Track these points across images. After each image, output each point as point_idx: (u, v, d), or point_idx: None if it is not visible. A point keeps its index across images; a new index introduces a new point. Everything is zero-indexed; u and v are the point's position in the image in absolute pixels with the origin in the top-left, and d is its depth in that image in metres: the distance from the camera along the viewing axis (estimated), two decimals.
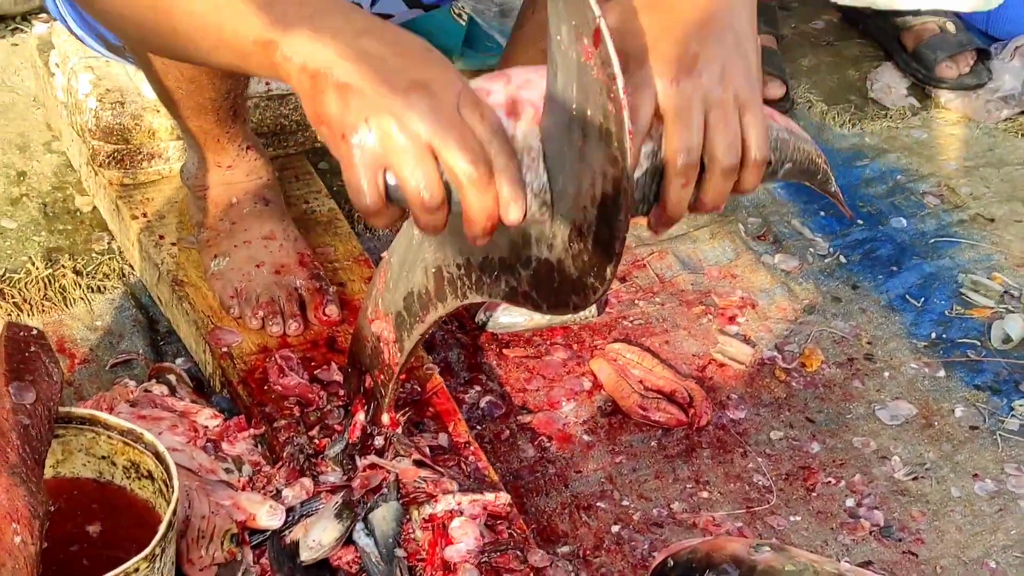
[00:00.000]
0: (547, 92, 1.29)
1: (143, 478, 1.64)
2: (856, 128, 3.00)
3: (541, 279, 1.38)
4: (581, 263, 1.31)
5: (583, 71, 1.20)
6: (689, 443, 2.16)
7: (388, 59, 1.31)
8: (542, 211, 1.32)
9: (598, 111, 1.20)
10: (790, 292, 2.49)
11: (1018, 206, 2.79)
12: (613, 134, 1.19)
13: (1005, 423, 2.26)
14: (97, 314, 2.26)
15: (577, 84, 1.22)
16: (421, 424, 1.97)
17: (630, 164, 1.19)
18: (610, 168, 1.21)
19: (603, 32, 1.15)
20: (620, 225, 1.24)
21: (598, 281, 1.30)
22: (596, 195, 1.24)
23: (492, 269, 1.46)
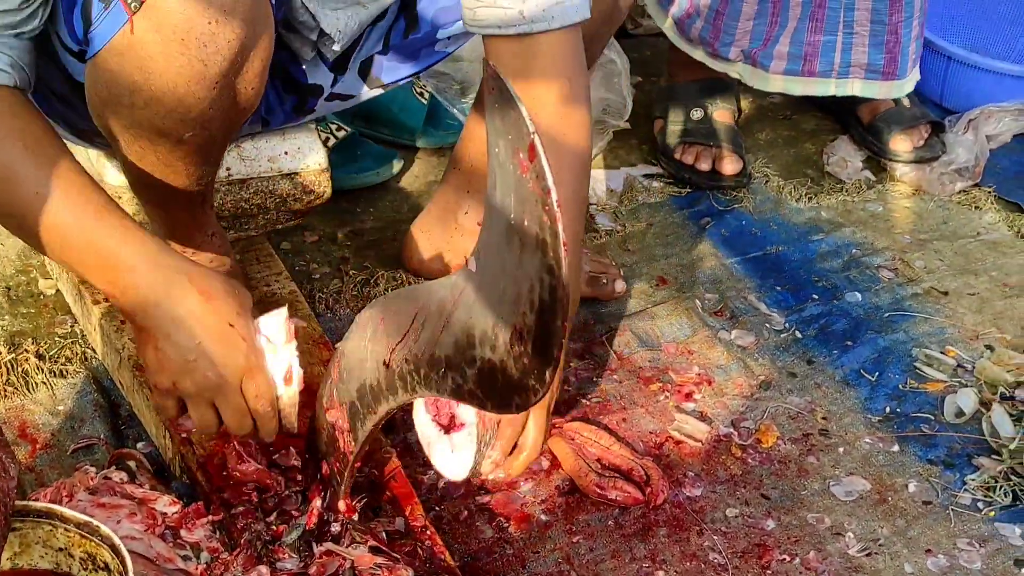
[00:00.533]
0: (487, 199, 1.33)
1: (100, 570, 1.66)
2: (812, 202, 3.06)
3: (485, 379, 1.42)
4: (522, 366, 1.35)
5: (520, 183, 1.24)
6: (646, 521, 2.18)
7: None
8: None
9: (534, 222, 1.24)
10: (746, 368, 2.53)
11: (971, 279, 2.83)
12: (548, 244, 1.23)
13: (958, 498, 2.29)
14: (59, 399, 2.28)
15: (515, 195, 1.26)
16: (379, 508, 1.99)
17: (565, 273, 1.23)
18: (546, 276, 1.25)
19: (537, 147, 1.19)
20: (557, 331, 1.28)
21: (538, 384, 1.33)
22: (534, 301, 1.28)
23: (439, 366, 1.50)
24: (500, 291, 1.33)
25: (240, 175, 2.41)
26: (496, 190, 1.30)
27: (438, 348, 1.49)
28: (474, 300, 1.41)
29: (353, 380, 1.73)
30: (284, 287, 2.42)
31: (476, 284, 1.41)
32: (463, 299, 1.44)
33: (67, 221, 1.78)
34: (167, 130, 1.86)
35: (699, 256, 2.83)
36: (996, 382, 2.50)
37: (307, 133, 2.43)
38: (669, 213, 2.97)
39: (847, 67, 3.04)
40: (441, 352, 1.49)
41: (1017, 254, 2.92)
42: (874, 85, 3.07)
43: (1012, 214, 3.06)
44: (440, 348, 1.49)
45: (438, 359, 1.50)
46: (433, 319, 1.51)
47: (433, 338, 1.51)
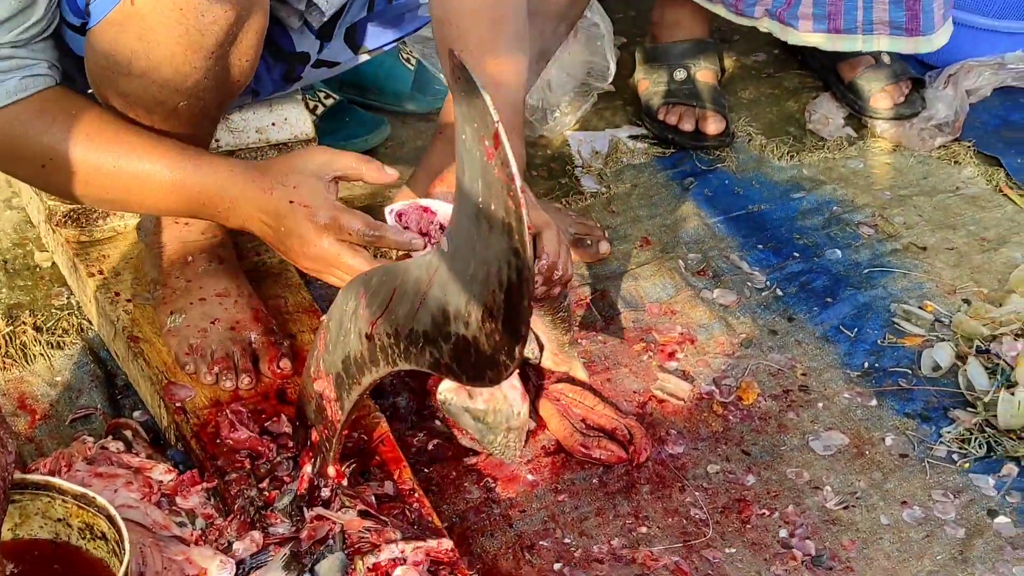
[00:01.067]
0: (457, 183, 1.38)
1: (97, 539, 1.72)
2: (794, 160, 3.10)
3: (460, 353, 1.48)
4: (493, 342, 1.41)
5: (486, 169, 1.29)
6: (629, 479, 2.25)
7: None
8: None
9: (500, 206, 1.29)
10: (728, 326, 2.59)
11: (949, 233, 2.88)
12: (514, 228, 1.29)
13: (933, 450, 2.35)
14: (57, 370, 2.33)
15: (481, 180, 1.31)
16: (368, 473, 2.06)
17: (529, 255, 1.28)
18: (513, 258, 1.31)
19: (501, 135, 1.25)
20: (524, 310, 1.34)
21: (508, 359, 1.39)
22: (503, 281, 1.34)
23: (418, 341, 1.56)
24: (471, 271, 1.39)
25: (229, 146, 2.47)
26: (464, 174, 1.35)
27: (416, 323, 1.55)
28: (448, 279, 1.47)
29: (338, 352, 1.79)
30: (274, 256, 2.47)
31: (449, 263, 1.47)
32: (437, 278, 1.50)
33: (168, 177, 1.93)
34: (163, 99, 1.93)
35: (682, 216, 2.88)
36: (972, 336, 2.55)
37: (293, 104, 2.49)
38: (653, 174, 3.02)
39: (870, 24, 3.07)
40: (419, 327, 1.55)
41: (995, 208, 2.97)
42: (900, 41, 3.10)
43: (991, 168, 3.10)
44: (418, 323, 1.55)
45: (417, 334, 1.56)
46: (410, 296, 1.57)
47: (411, 313, 1.57)
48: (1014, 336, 2.52)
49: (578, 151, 3.07)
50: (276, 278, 2.42)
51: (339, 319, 1.78)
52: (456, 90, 1.35)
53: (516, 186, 1.26)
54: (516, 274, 1.32)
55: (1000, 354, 2.49)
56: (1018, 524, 2.21)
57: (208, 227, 2.30)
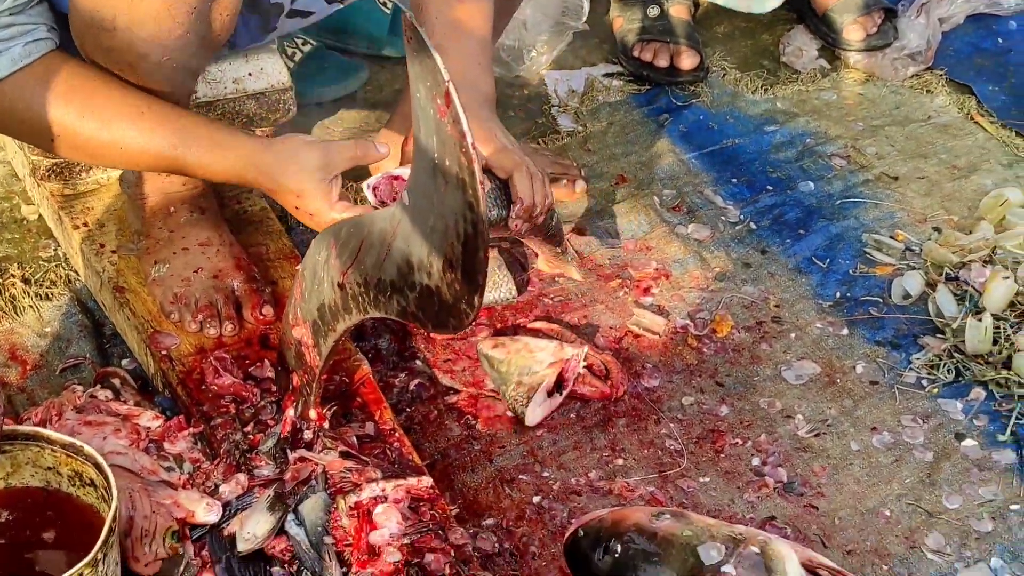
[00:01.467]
0: (415, 139, 1.43)
1: (87, 485, 1.78)
2: (768, 94, 3.14)
3: (424, 302, 1.54)
4: (454, 291, 1.47)
5: (439, 126, 1.34)
6: (606, 413, 2.31)
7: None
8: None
9: (454, 162, 1.35)
10: (702, 261, 2.64)
11: (921, 163, 2.93)
12: (467, 183, 1.34)
13: (903, 377, 2.41)
14: (46, 321, 2.39)
15: (436, 137, 1.36)
16: (349, 414, 2.12)
17: (483, 209, 1.34)
18: (468, 212, 1.36)
19: (452, 94, 1.29)
20: (480, 260, 1.40)
21: (468, 307, 1.45)
22: (460, 233, 1.40)
23: (386, 290, 1.62)
24: (431, 223, 1.44)
25: (207, 97, 2.50)
26: (420, 131, 1.40)
27: (383, 273, 1.61)
28: (410, 231, 1.52)
29: (313, 300, 1.85)
30: (255, 203, 2.52)
31: (411, 216, 1.52)
32: (400, 230, 1.56)
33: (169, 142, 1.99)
34: (146, 54, 1.97)
35: (657, 153, 2.92)
36: (942, 263, 2.60)
37: (269, 54, 2.52)
38: (629, 111, 3.06)
39: None
40: (386, 277, 1.61)
41: (966, 136, 3.02)
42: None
43: (963, 96, 3.14)
44: (385, 273, 1.61)
45: (384, 283, 1.62)
46: (376, 247, 1.63)
47: (378, 264, 1.63)
48: (982, 263, 2.57)
49: (554, 90, 3.11)
50: (257, 225, 2.47)
51: (313, 269, 1.84)
52: (408, 50, 1.40)
53: (468, 143, 1.31)
54: (472, 227, 1.38)
55: (969, 281, 2.55)
56: (984, 447, 2.28)
57: (189, 178, 2.35)
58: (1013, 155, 2.95)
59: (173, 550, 1.84)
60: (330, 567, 1.84)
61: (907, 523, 2.15)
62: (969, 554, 2.11)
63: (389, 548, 1.87)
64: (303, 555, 1.85)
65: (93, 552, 1.61)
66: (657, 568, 1.82)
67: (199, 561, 1.86)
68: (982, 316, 2.44)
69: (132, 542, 1.83)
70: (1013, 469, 2.24)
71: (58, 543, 1.82)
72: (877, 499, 2.19)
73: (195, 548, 1.87)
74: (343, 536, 1.89)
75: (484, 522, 2.11)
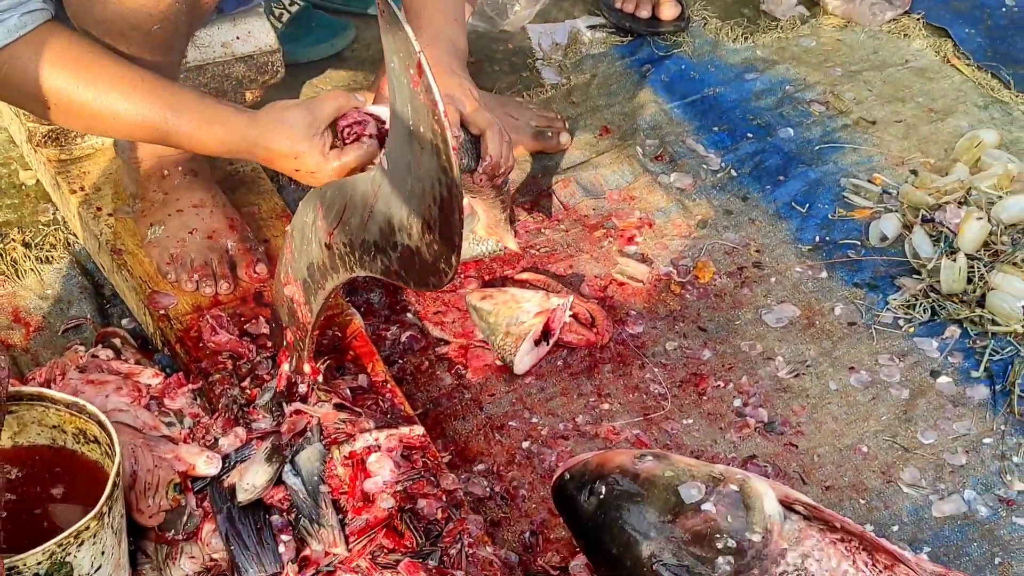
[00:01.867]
0: (391, 107, 1.50)
1: (91, 442, 1.86)
2: (748, 42, 3.19)
3: (406, 261, 1.61)
4: (433, 251, 1.54)
5: (413, 95, 1.41)
6: (592, 360, 2.39)
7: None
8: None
9: (428, 129, 1.41)
10: (685, 209, 2.71)
11: (898, 106, 2.99)
12: (441, 149, 1.41)
13: (880, 317, 2.48)
14: (47, 283, 2.46)
15: (410, 105, 1.43)
16: (343, 367, 2.20)
17: (456, 173, 1.41)
18: (443, 176, 1.43)
19: (424, 65, 1.36)
20: (456, 223, 1.47)
21: (447, 266, 1.53)
22: (436, 196, 1.47)
23: (370, 249, 1.69)
24: (409, 187, 1.52)
25: (197, 62, 2.56)
26: (396, 99, 1.47)
27: (367, 234, 1.68)
28: (390, 193, 1.59)
29: (303, 259, 1.92)
30: (246, 164, 2.58)
31: (390, 180, 1.59)
32: (381, 192, 1.63)
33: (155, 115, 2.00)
34: (137, 24, 2.03)
35: (640, 104, 2.98)
36: (918, 206, 2.67)
37: (256, 17, 2.58)
38: (612, 63, 3.11)
39: None
40: (370, 237, 1.68)
41: (943, 79, 3.07)
42: None
43: (939, 39, 3.20)
44: (368, 234, 1.68)
45: (368, 243, 1.69)
46: (359, 209, 1.70)
47: (362, 225, 1.70)
48: (957, 204, 2.63)
49: (538, 43, 3.16)
50: (249, 186, 2.54)
51: (301, 230, 1.90)
52: (381, 23, 1.46)
53: (440, 110, 1.37)
54: (447, 190, 1.45)
55: (944, 222, 2.61)
56: (959, 383, 2.35)
57: None
58: (989, 96, 3.01)
59: (176, 502, 1.92)
60: (326, 514, 1.91)
61: (883, 458, 2.23)
62: (943, 487, 2.19)
63: (383, 495, 1.94)
64: (300, 503, 1.93)
65: (99, 505, 1.69)
66: (640, 507, 1.89)
67: (201, 512, 1.94)
68: (956, 256, 2.50)
69: (136, 495, 1.90)
70: (986, 404, 2.32)
71: (66, 497, 1.90)
72: (854, 436, 2.27)
73: (197, 499, 1.95)
74: (338, 484, 1.96)
75: (475, 467, 2.19)
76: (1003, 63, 3.10)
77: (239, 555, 1.87)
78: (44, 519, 1.88)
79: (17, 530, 1.86)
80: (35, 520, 1.88)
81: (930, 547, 2.09)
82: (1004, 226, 2.57)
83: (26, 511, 1.88)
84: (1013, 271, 2.46)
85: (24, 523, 1.86)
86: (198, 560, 1.91)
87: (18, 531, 1.85)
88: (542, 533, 2.09)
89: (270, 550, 1.88)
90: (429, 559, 1.88)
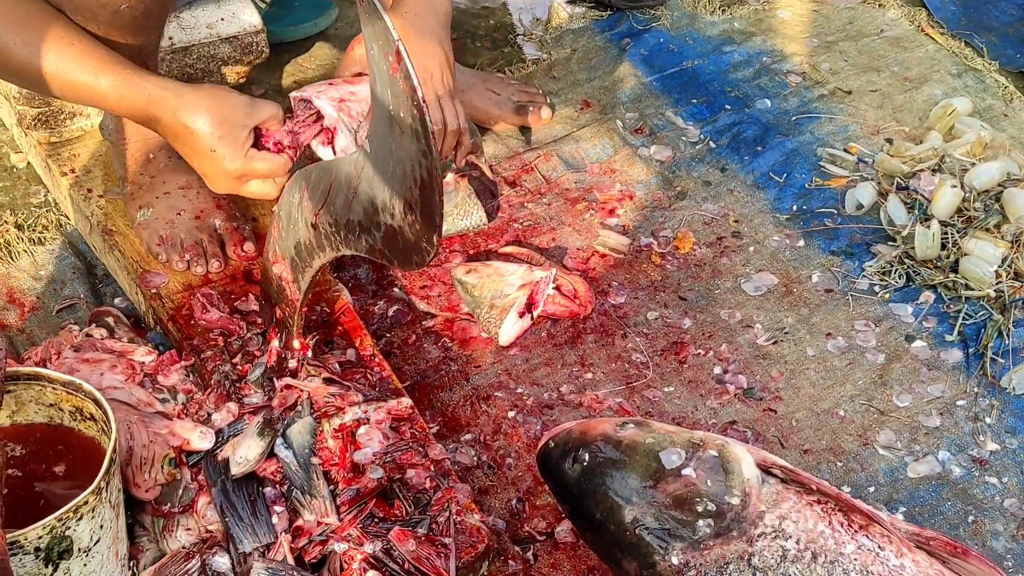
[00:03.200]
0: (371, 92, 1.55)
1: (87, 420, 1.91)
2: (726, 14, 3.24)
3: (389, 240, 1.67)
4: (415, 231, 1.59)
5: (392, 82, 1.46)
6: (575, 331, 2.44)
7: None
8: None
9: (407, 114, 1.47)
10: (665, 181, 2.76)
11: (873, 76, 3.04)
12: (420, 133, 1.46)
13: (856, 284, 2.54)
14: (40, 264, 2.51)
15: (390, 91, 1.48)
16: (331, 342, 2.25)
17: (435, 156, 1.46)
18: (422, 159, 1.49)
19: (402, 52, 1.41)
20: (436, 203, 1.52)
21: (428, 245, 1.59)
22: (417, 178, 1.52)
23: (354, 229, 1.74)
24: (391, 169, 1.57)
25: (182, 43, 2.61)
26: (376, 84, 1.52)
27: (352, 214, 1.74)
28: (373, 175, 1.64)
29: (290, 238, 1.97)
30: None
31: (372, 161, 1.64)
32: (364, 174, 1.68)
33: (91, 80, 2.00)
34: (105, 2, 2.06)
35: (620, 77, 3.03)
36: (893, 174, 2.72)
37: None
38: (591, 37, 3.16)
39: None
40: (354, 217, 1.74)
41: (917, 48, 3.12)
42: None
43: (914, 9, 3.24)
44: (353, 214, 1.73)
45: (353, 223, 1.75)
46: (343, 189, 1.75)
47: (346, 205, 1.75)
48: (931, 171, 2.69)
49: (519, 19, 3.21)
50: None
51: (288, 210, 1.96)
52: (361, 12, 1.51)
53: (419, 96, 1.43)
54: (427, 173, 1.50)
55: (918, 189, 2.66)
56: (933, 347, 2.42)
57: None
58: (962, 65, 3.06)
59: (171, 476, 1.98)
60: (318, 485, 1.97)
61: (860, 422, 2.29)
62: (918, 448, 2.25)
63: (372, 466, 2.00)
64: (292, 475, 1.99)
65: (96, 480, 1.74)
66: (622, 473, 1.95)
67: (196, 485, 1.99)
68: (930, 223, 2.56)
69: (133, 470, 1.96)
70: (960, 367, 2.38)
71: (64, 474, 1.95)
72: (832, 401, 2.33)
73: (192, 473, 2.00)
74: (329, 456, 2.02)
75: (462, 437, 2.24)
76: (976, 31, 3.14)
77: (234, 526, 1.93)
78: (43, 496, 1.93)
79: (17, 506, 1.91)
80: (36, 497, 1.93)
81: (905, 507, 2.16)
82: (977, 192, 2.62)
83: (27, 488, 1.93)
84: (985, 236, 2.52)
85: (26, 499, 1.91)
86: (194, 532, 1.96)
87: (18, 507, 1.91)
88: (528, 500, 2.15)
89: (264, 521, 1.94)
90: (418, 527, 1.94)
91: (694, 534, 1.88)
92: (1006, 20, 3.22)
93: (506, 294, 2.37)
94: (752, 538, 1.87)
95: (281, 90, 2.96)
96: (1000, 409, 2.31)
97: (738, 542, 1.87)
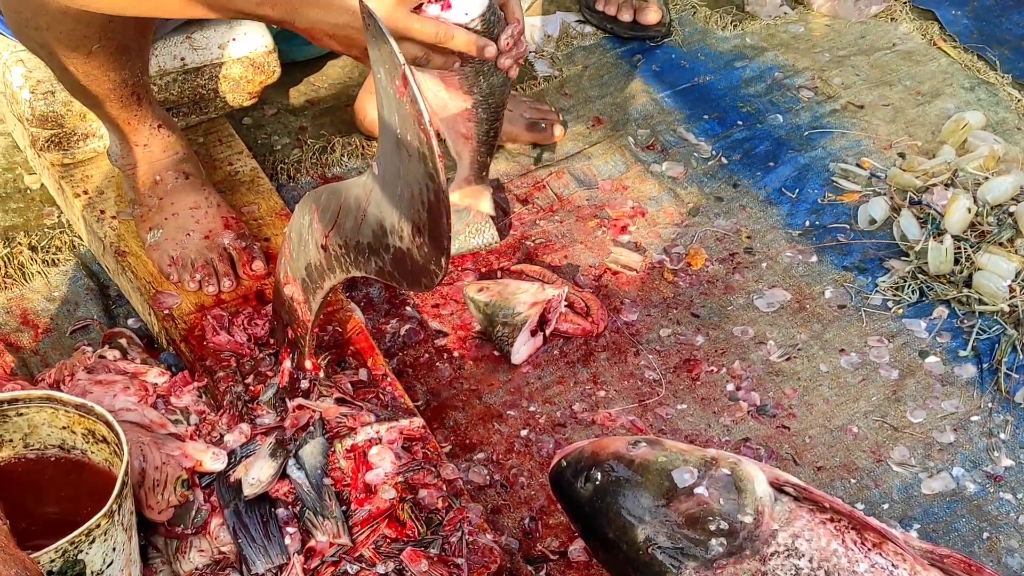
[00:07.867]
0: (379, 115, 1.55)
1: (100, 442, 1.91)
2: (737, 29, 3.24)
3: (398, 263, 1.67)
4: (423, 254, 1.60)
5: (399, 105, 1.47)
6: (587, 348, 2.44)
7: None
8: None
9: (414, 137, 1.47)
10: (676, 197, 2.76)
11: (886, 90, 3.04)
12: (427, 156, 1.46)
13: (870, 299, 2.54)
14: (54, 286, 2.52)
15: (397, 114, 1.49)
16: (343, 362, 2.25)
17: (442, 180, 1.46)
18: (430, 182, 1.49)
19: (408, 76, 1.41)
20: (444, 226, 1.53)
21: (437, 268, 1.59)
22: (425, 201, 1.52)
23: (364, 251, 1.75)
24: (399, 192, 1.57)
25: (194, 64, 2.61)
26: (383, 108, 1.53)
27: (361, 236, 1.74)
28: (381, 198, 1.65)
29: (301, 259, 1.98)
30: (246, 164, 2.64)
31: (381, 185, 1.65)
32: (373, 197, 1.68)
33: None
34: (75, 45, 2.07)
35: (631, 94, 3.03)
36: (906, 188, 2.72)
37: None
38: (603, 54, 3.16)
39: None
40: (364, 239, 1.74)
41: (929, 61, 3.12)
42: None
43: (926, 22, 3.24)
44: (362, 236, 1.74)
45: (362, 245, 1.75)
46: (352, 212, 1.76)
47: (356, 227, 1.75)
48: (944, 186, 2.68)
49: (531, 36, 3.21)
50: (249, 186, 2.59)
51: (298, 231, 1.96)
52: (368, 36, 1.51)
53: (425, 120, 1.43)
54: (434, 196, 1.51)
55: (931, 204, 2.66)
56: (947, 362, 2.41)
57: (169, 145, 2.45)
58: (975, 78, 3.06)
59: (184, 497, 1.98)
60: (330, 506, 1.97)
61: (873, 438, 2.28)
62: (932, 464, 2.24)
63: (384, 486, 2.00)
64: (305, 496, 1.99)
65: (109, 503, 1.74)
66: (635, 492, 1.94)
67: (209, 506, 2.00)
68: (943, 238, 2.55)
69: (145, 492, 1.96)
70: (974, 382, 2.37)
71: (77, 497, 1.96)
72: (845, 417, 2.32)
73: (204, 494, 2.01)
74: (341, 477, 2.02)
75: (475, 456, 2.24)
76: (989, 44, 3.14)
77: (247, 547, 1.93)
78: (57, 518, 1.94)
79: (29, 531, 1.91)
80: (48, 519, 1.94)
81: (920, 524, 2.15)
82: (990, 207, 2.62)
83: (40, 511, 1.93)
84: (998, 251, 2.51)
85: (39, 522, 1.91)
86: (207, 553, 1.97)
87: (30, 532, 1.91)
88: (541, 519, 2.14)
89: (276, 542, 1.94)
90: (431, 547, 1.94)
91: (707, 553, 1.87)
92: (1019, 33, 3.21)
93: (518, 312, 2.37)
94: (765, 557, 1.86)
95: (293, 110, 2.97)
96: (1015, 425, 2.30)
97: (751, 561, 1.86)
